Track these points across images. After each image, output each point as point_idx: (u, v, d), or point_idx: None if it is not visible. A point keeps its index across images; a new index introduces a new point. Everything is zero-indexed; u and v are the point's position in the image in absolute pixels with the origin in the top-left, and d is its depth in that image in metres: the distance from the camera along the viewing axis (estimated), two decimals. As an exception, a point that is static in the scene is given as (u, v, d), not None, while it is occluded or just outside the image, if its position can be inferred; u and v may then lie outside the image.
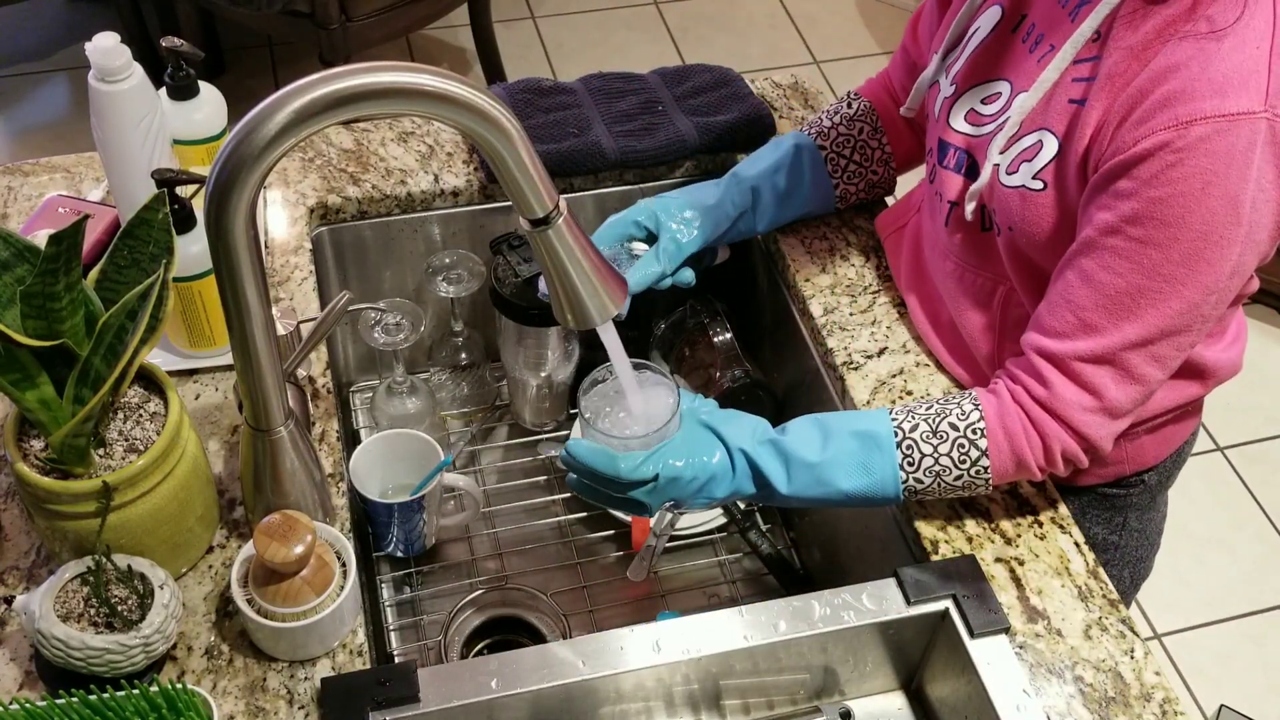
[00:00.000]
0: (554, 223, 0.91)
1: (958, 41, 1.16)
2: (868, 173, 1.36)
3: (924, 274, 1.28)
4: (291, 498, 1.05)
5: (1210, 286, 0.97)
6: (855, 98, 1.36)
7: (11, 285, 0.93)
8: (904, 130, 1.35)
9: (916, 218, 1.31)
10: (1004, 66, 1.11)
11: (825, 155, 1.34)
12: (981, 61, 1.13)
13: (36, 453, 0.98)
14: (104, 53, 1.05)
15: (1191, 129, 0.92)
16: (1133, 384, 1.02)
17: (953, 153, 1.16)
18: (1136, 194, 0.95)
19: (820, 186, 1.35)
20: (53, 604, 0.96)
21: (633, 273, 1.25)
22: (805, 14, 3.70)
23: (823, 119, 1.36)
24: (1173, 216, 0.94)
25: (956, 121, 1.15)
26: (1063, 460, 1.06)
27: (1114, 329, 1.00)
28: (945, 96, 1.16)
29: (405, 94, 0.82)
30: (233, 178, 0.83)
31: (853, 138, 1.34)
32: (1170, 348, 1.01)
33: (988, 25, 1.12)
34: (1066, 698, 1.04)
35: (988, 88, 1.12)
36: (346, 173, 1.43)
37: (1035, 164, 1.05)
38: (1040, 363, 1.04)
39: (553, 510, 1.45)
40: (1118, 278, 0.98)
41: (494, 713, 1.01)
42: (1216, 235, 0.94)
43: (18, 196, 1.39)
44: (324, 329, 1.13)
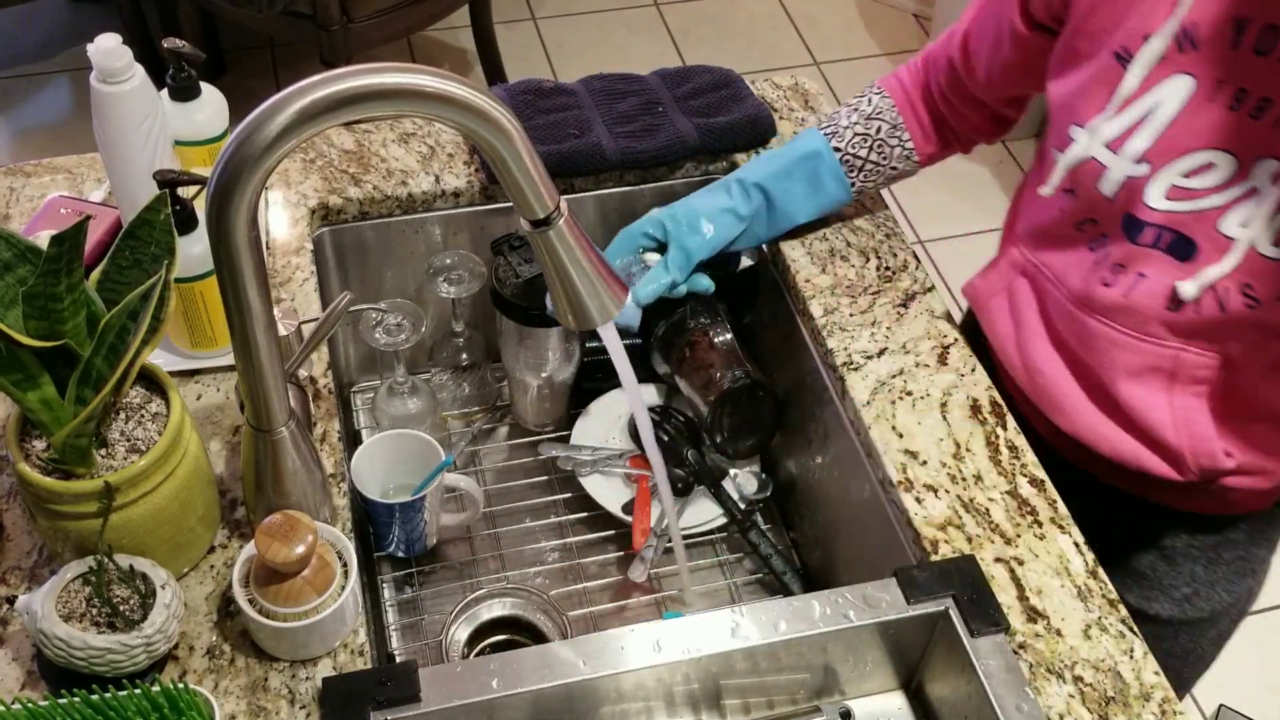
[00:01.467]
0: (555, 223, 0.92)
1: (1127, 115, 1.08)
2: (886, 169, 1.35)
3: (1061, 345, 1.22)
4: (293, 498, 1.06)
5: None
6: (877, 92, 1.35)
7: (13, 286, 0.93)
8: (928, 130, 1.34)
9: (1029, 283, 1.25)
10: (1215, 137, 1.04)
11: (841, 157, 1.33)
12: (1181, 136, 1.05)
13: (38, 453, 0.98)
14: (105, 54, 1.05)
15: None
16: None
17: (1150, 230, 1.09)
18: None
19: (835, 188, 1.34)
20: (54, 604, 0.96)
21: (643, 284, 1.26)
22: (805, 15, 3.70)
23: (839, 117, 1.35)
24: None
25: (1154, 199, 1.07)
26: None
27: None
28: (1129, 175, 1.08)
29: (406, 95, 0.82)
30: (234, 178, 0.83)
31: (869, 136, 1.33)
32: None
33: (1177, 98, 1.04)
34: (1066, 697, 1.04)
35: (1191, 160, 1.05)
36: (348, 174, 1.43)
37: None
38: None
39: (553, 511, 1.45)
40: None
41: (495, 712, 1.02)
42: None
43: (20, 197, 1.39)
44: (325, 329, 1.13)
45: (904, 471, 1.19)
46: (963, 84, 1.29)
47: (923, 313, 1.34)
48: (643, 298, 1.26)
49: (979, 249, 3.05)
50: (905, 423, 1.23)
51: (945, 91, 1.32)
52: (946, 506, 1.16)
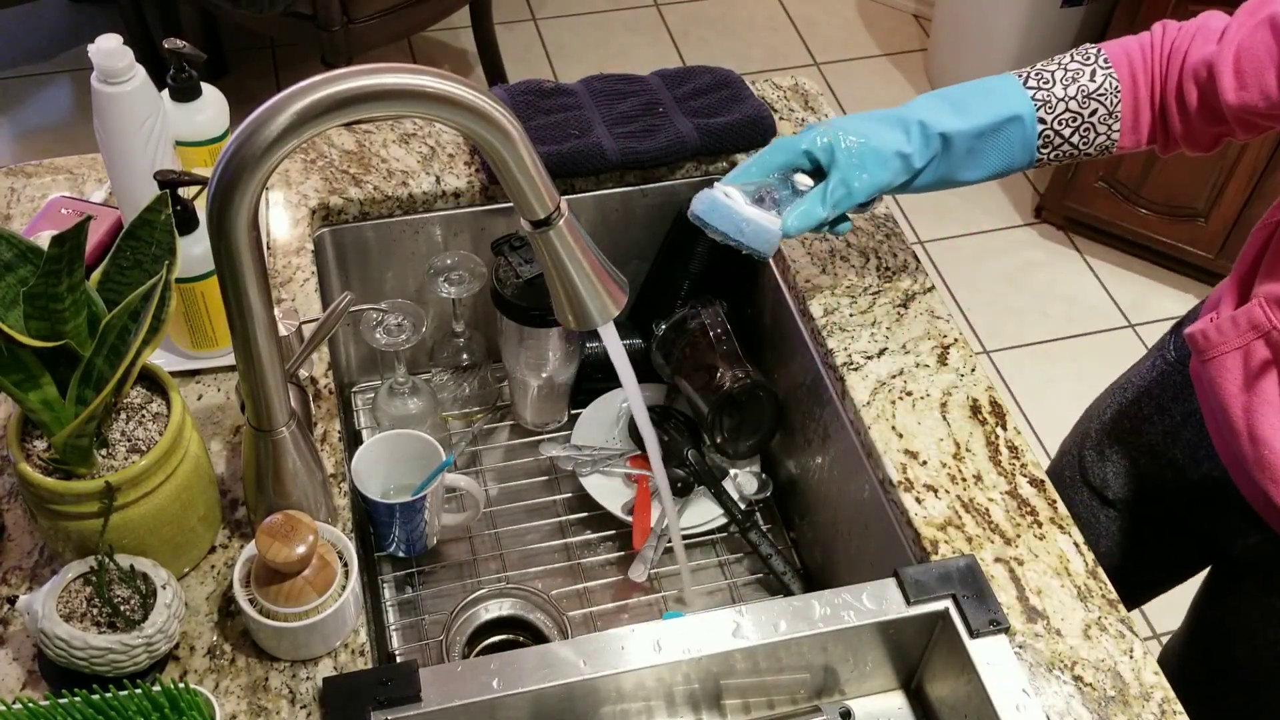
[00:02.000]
0: (555, 224, 0.92)
1: None
2: (1080, 154, 1.19)
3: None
4: (293, 498, 1.06)
5: None
6: (1104, 66, 1.16)
7: (14, 286, 0.93)
8: (1143, 129, 1.18)
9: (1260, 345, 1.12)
10: None
11: (1042, 131, 1.16)
12: None
13: (39, 453, 0.98)
14: (107, 54, 1.05)
15: None
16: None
17: None
18: None
19: (1020, 158, 1.18)
20: (55, 604, 0.96)
21: (792, 214, 1.13)
22: (805, 16, 3.71)
23: (1054, 80, 1.16)
24: None
25: None
26: None
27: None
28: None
29: (407, 96, 0.83)
30: (235, 179, 0.83)
31: (1081, 117, 1.16)
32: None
33: None
34: (1066, 697, 1.04)
35: None
36: (348, 174, 1.43)
37: None
38: None
39: (554, 511, 1.45)
40: None
41: (495, 712, 1.02)
42: None
43: (21, 198, 1.39)
44: (326, 330, 1.13)
45: (904, 471, 1.19)
46: (1216, 100, 1.11)
47: (923, 313, 1.34)
48: (793, 228, 1.12)
49: (979, 249, 3.05)
50: (905, 423, 1.23)
51: (1187, 98, 1.14)
52: (946, 506, 1.16)
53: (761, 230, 1.13)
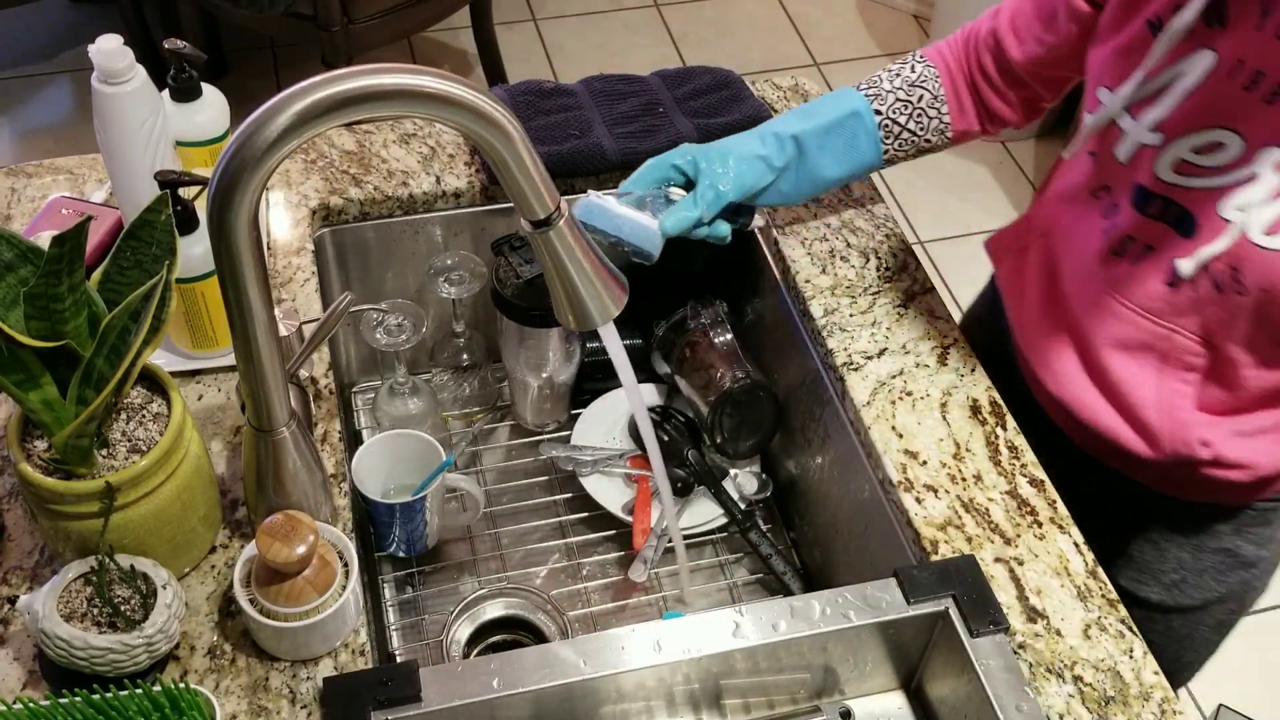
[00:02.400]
0: (555, 224, 0.92)
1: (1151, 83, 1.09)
2: (920, 140, 1.32)
3: (1064, 308, 1.23)
4: (294, 498, 1.06)
5: None
6: (921, 60, 1.32)
7: (15, 286, 0.93)
8: (965, 107, 1.31)
9: (1043, 242, 1.27)
10: (1228, 117, 1.05)
11: (880, 121, 1.29)
12: (1196, 110, 1.06)
13: (40, 453, 0.98)
14: (107, 55, 1.05)
15: None
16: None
17: (1158, 202, 1.10)
18: None
19: (870, 151, 1.31)
20: (56, 604, 0.96)
21: (668, 215, 1.20)
22: (805, 16, 3.71)
23: (881, 79, 1.31)
24: None
25: (1163, 171, 1.09)
26: None
27: None
28: (1142, 143, 1.10)
29: (407, 96, 0.83)
30: (235, 179, 0.83)
31: (911, 104, 1.30)
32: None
33: (1197, 72, 1.05)
34: (1066, 697, 1.04)
35: (1203, 137, 1.06)
36: (348, 174, 1.44)
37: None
38: None
39: (554, 511, 1.45)
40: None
41: (495, 712, 1.02)
42: None
43: (21, 198, 1.39)
44: (326, 330, 1.13)
45: (904, 472, 1.19)
46: (1007, 62, 1.27)
47: (923, 313, 1.34)
48: (669, 227, 1.20)
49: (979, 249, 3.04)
50: (905, 423, 1.23)
51: (987, 69, 1.29)
52: (946, 506, 1.16)
53: (640, 227, 1.19)
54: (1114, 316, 1.17)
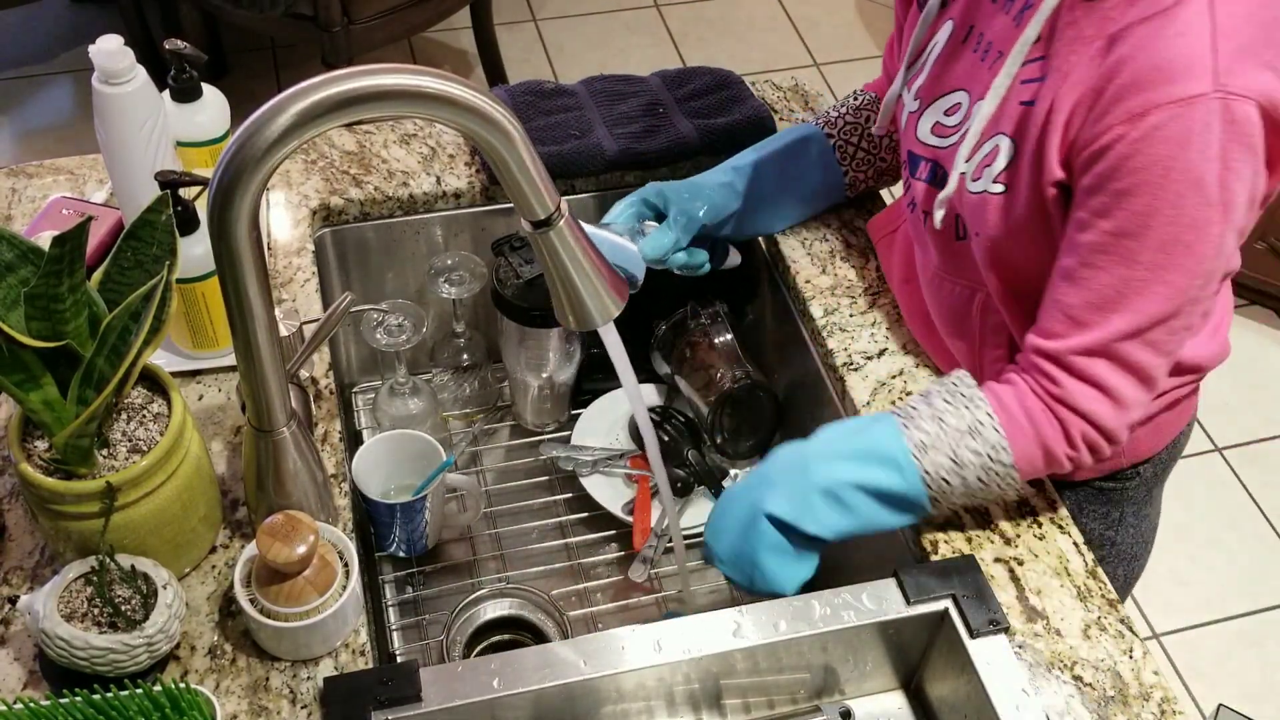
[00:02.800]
0: (555, 224, 0.92)
1: (917, 57, 1.18)
2: (876, 160, 1.37)
3: (914, 278, 1.29)
4: (294, 498, 1.06)
5: (1193, 270, 0.98)
6: (861, 92, 1.38)
7: (16, 287, 0.93)
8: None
9: (905, 229, 1.32)
10: (960, 78, 1.12)
11: (834, 143, 1.35)
12: (940, 75, 1.14)
13: (40, 453, 0.98)
14: (108, 55, 1.05)
15: (1146, 119, 0.93)
16: (1130, 373, 1.03)
17: (923, 165, 1.17)
18: (1102, 189, 0.97)
19: (829, 173, 1.36)
20: (56, 604, 0.96)
21: (647, 242, 1.25)
22: (805, 17, 3.71)
23: (830, 111, 1.38)
24: (1141, 206, 0.95)
25: (924, 134, 1.17)
26: (1085, 444, 1.06)
27: (1103, 323, 1.00)
28: (910, 111, 1.18)
29: (407, 96, 0.83)
30: (236, 179, 0.83)
31: (859, 125, 1.35)
32: (1164, 333, 1.01)
33: (943, 39, 1.14)
34: (1065, 697, 1.04)
35: (948, 99, 1.14)
36: (349, 174, 1.44)
37: (994, 168, 1.07)
38: (1042, 362, 1.05)
39: (554, 511, 1.45)
40: (1100, 272, 0.99)
41: (496, 712, 1.02)
42: (1189, 218, 0.95)
43: (22, 198, 1.39)
44: (326, 330, 1.13)
45: (904, 472, 1.19)
46: None
47: (923, 313, 1.34)
48: (648, 252, 1.25)
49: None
50: (905, 423, 1.23)
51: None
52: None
53: (619, 248, 1.24)
54: (935, 282, 1.22)
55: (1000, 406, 1.06)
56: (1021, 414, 1.05)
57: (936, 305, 1.23)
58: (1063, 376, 1.04)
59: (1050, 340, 1.04)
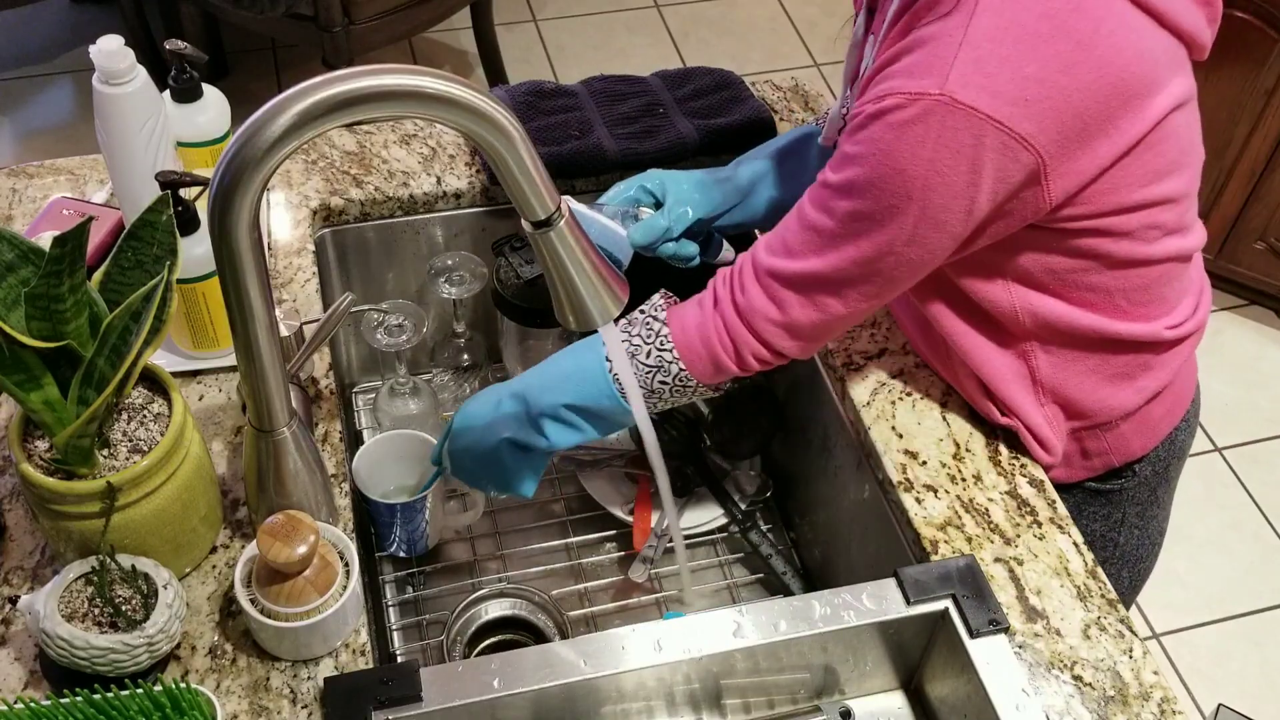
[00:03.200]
0: (556, 224, 0.92)
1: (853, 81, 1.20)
2: None
3: None
4: (294, 498, 1.06)
5: (883, 248, 1.02)
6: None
7: (16, 287, 0.93)
8: None
9: None
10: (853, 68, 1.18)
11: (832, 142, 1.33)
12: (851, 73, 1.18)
13: (41, 453, 0.98)
14: (108, 55, 1.06)
15: (883, 101, 0.98)
16: (814, 309, 1.09)
17: None
18: (841, 147, 1.03)
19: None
20: (57, 604, 0.96)
21: (638, 228, 1.26)
22: (805, 18, 3.71)
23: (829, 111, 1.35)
24: (858, 176, 1.01)
25: None
26: (755, 361, 1.13)
27: (805, 258, 1.06)
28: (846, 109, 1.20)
29: (408, 96, 0.83)
30: (236, 180, 0.83)
31: None
32: (854, 292, 1.07)
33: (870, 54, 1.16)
34: (1065, 697, 1.04)
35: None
36: (349, 175, 1.44)
37: None
38: (747, 270, 1.11)
39: (554, 511, 1.46)
40: (819, 214, 1.05)
41: (496, 712, 1.02)
42: (885, 201, 1.00)
43: (22, 198, 1.39)
44: (327, 330, 1.13)
45: (904, 472, 1.19)
46: None
47: (923, 313, 1.34)
48: (638, 238, 1.26)
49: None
50: (905, 423, 1.23)
51: None
52: (946, 507, 1.17)
53: (608, 231, 1.23)
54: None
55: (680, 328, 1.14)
56: (696, 336, 1.13)
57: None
58: (754, 290, 1.10)
59: (765, 255, 1.10)
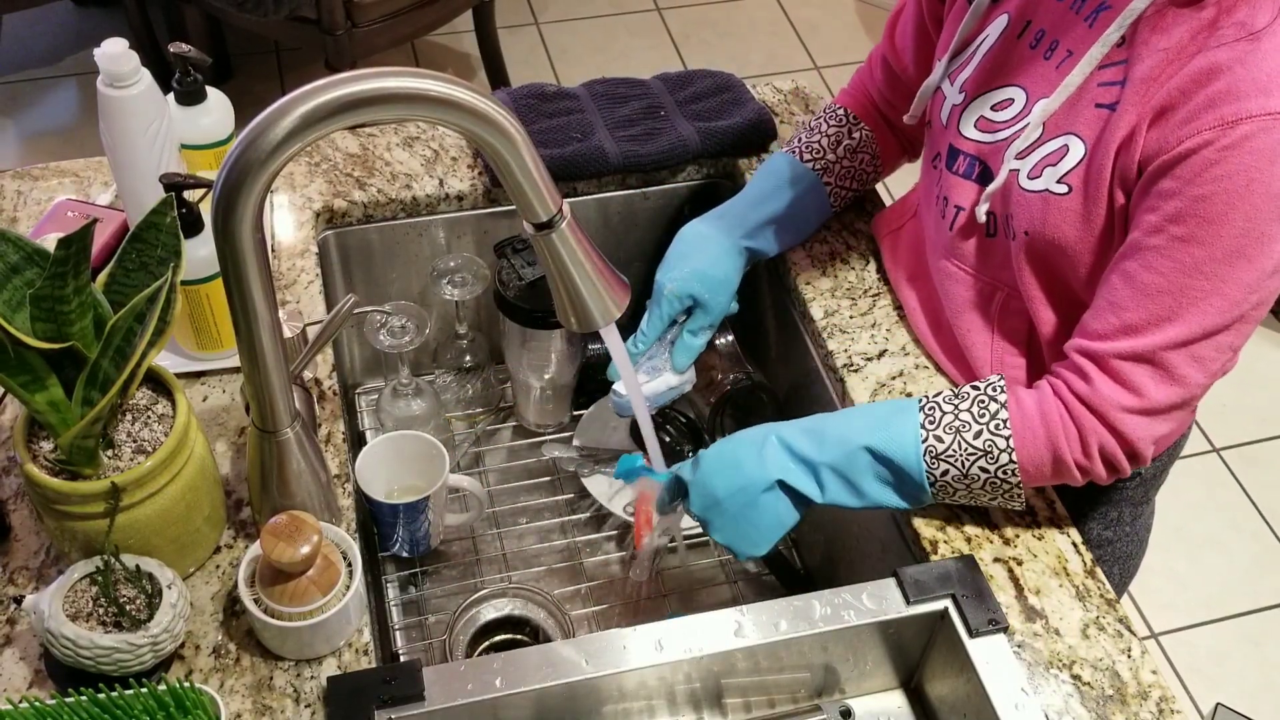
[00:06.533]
0: (557, 226, 0.93)
1: (963, 48, 1.17)
2: (861, 189, 1.40)
3: (925, 275, 1.28)
4: (298, 498, 1.06)
5: (1251, 285, 0.97)
6: (855, 123, 1.35)
7: (21, 288, 0.94)
8: (889, 139, 1.37)
9: (914, 220, 1.32)
10: (1015, 73, 1.11)
11: (830, 189, 1.35)
12: (990, 69, 1.13)
13: (46, 454, 0.99)
14: (113, 58, 1.06)
15: (1237, 128, 0.93)
16: (1173, 384, 1.02)
17: (963, 159, 1.16)
18: (1180, 193, 0.96)
19: (822, 214, 1.38)
20: (62, 603, 0.97)
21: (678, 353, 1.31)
22: (806, 20, 3.71)
23: (824, 146, 1.35)
24: (1215, 214, 0.95)
25: (967, 129, 1.15)
26: (1101, 458, 1.05)
27: (1155, 329, 1.00)
28: (954, 104, 1.16)
29: (410, 99, 0.83)
30: (240, 182, 0.84)
31: (855, 168, 1.36)
32: (1211, 348, 1.00)
33: (995, 33, 1.12)
34: (1064, 696, 1.05)
35: (998, 94, 1.12)
36: (352, 177, 1.44)
37: (1060, 168, 1.05)
38: (1082, 361, 1.04)
39: (556, 510, 1.46)
40: (1160, 277, 0.98)
41: (498, 711, 1.02)
42: (1258, 232, 0.95)
43: (27, 200, 1.40)
44: (330, 331, 1.14)
45: (904, 472, 1.19)
46: (898, 79, 1.33)
47: (923, 315, 1.34)
48: (681, 365, 1.31)
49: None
50: (905, 424, 1.23)
51: (885, 92, 1.35)
52: (946, 507, 1.17)
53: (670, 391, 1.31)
54: (952, 279, 1.22)
55: (1018, 408, 1.06)
56: (1038, 418, 1.05)
57: (952, 302, 1.22)
58: (1097, 375, 1.03)
59: (1097, 341, 1.03)
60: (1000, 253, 1.15)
